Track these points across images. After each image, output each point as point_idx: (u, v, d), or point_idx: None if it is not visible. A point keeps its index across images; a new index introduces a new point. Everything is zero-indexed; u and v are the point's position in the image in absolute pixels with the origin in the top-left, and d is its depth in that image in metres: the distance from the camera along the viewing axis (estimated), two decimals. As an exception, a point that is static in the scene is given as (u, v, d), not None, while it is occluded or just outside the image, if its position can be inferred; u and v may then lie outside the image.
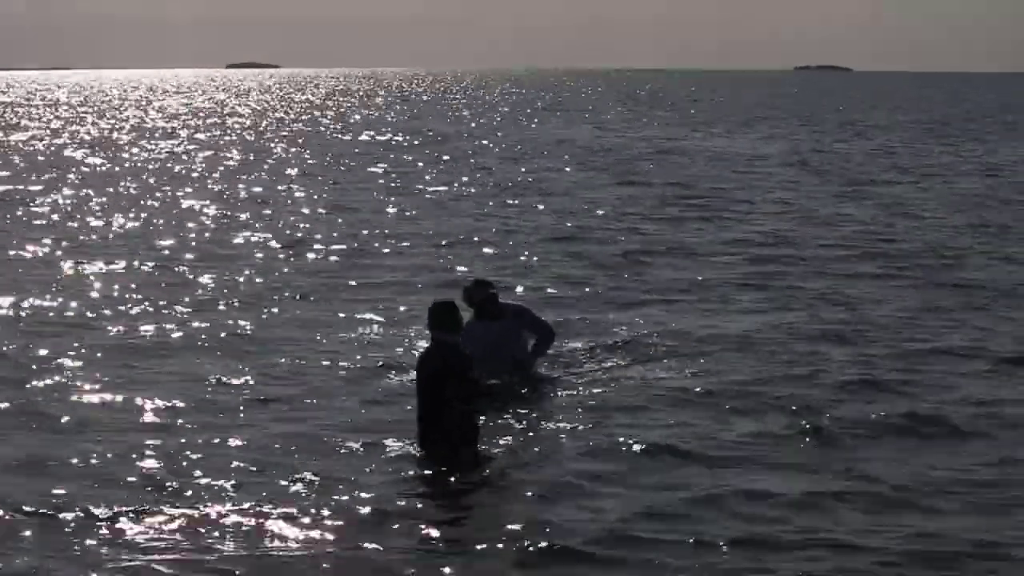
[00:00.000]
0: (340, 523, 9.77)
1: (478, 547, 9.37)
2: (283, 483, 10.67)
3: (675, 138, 60.53)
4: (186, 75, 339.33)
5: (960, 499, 10.54)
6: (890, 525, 9.91)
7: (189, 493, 10.39)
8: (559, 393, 13.67)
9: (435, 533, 9.65)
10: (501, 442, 11.73)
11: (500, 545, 9.35)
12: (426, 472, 11.04)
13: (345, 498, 10.28)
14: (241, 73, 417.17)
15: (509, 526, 9.72)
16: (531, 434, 12.13)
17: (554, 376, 14.25)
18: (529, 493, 10.53)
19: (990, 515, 10.20)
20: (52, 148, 55.06)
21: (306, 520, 9.83)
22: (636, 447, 11.65)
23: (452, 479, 10.85)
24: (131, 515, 9.83)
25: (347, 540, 9.46)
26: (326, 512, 9.98)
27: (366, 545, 9.38)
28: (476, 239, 25.78)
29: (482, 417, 11.70)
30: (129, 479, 10.78)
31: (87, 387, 13.84)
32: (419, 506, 10.26)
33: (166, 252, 24.18)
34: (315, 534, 9.59)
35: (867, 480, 10.91)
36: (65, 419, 12.65)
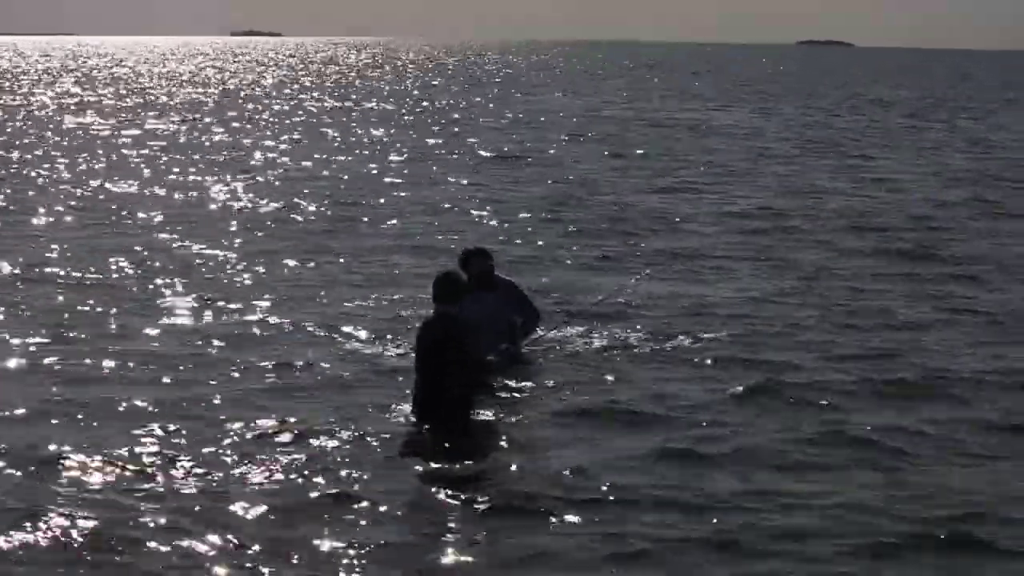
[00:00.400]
0: (321, 480, 9.83)
1: (461, 503, 9.43)
2: (268, 437, 10.78)
3: (671, 110, 60.41)
4: (187, 42, 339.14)
5: (950, 462, 10.55)
6: (878, 486, 9.93)
7: (178, 444, 10.54)
8: (548, 360, 13.66)
9: (417, 488, 9.76)
10: (491, 409, 11.72)
11: (484, 506, 9.39)
12: (415, 434, 11.06)
13: (327, 454, 10.36)
14: (244, 41, 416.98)
15: (494, 486, 9.79)
16: (520, 400, 12.14)
17: (544, 344, 14.18)
18: (515, 455, 10.56)
19: (981, 476, 10.22)
20: (50, 114, 54.95)
21: (294, 474, 9.92)
22: (622, 411, 11.69)
23: (441, 441, 10.86)
24: (128, 464, 10.09)
25: (329, 494, 9.53)
26: (308, 461, 10.12)
27: (351, 503, 9.42)
28: (466, 208, 25.71)
29: (475, 385, 11.70)
30: (125, 430, 10.93)
31: (82, 342, 14.05)
32: (403, 465, 10.28)
33: (157, 217, 24.15)
34: (298, 483, 9.70)
35: (853, 441, 10.92)
36: (67, 370, 12.98)
